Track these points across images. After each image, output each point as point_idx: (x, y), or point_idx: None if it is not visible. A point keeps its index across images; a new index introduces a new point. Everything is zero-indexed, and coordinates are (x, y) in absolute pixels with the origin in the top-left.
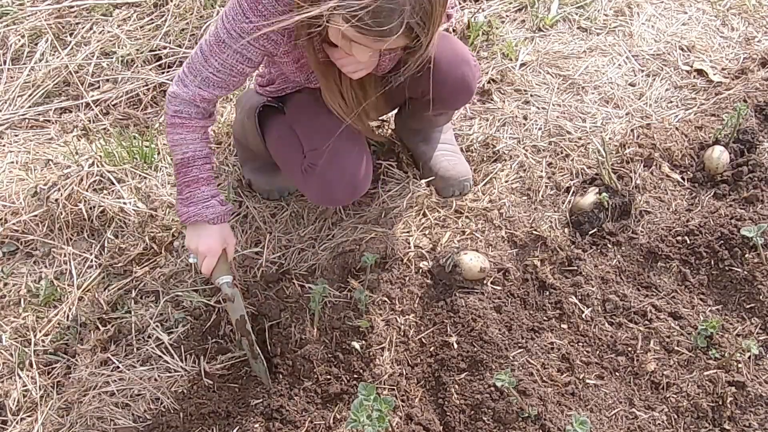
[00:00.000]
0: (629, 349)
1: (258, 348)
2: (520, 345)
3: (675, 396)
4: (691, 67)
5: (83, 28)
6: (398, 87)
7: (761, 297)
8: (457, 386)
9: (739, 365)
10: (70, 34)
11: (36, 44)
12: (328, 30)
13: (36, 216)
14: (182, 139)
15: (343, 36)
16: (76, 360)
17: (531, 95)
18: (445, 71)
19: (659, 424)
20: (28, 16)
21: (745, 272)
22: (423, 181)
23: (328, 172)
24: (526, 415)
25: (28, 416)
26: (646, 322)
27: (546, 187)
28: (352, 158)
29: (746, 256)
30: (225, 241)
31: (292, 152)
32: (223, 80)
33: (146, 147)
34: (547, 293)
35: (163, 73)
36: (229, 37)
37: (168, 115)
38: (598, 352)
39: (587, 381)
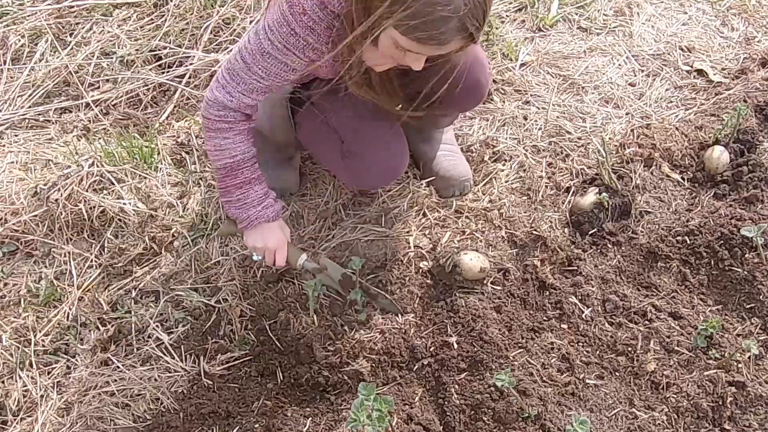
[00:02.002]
0: (629, 349)
1: (374, 288)
2: (520, 345)
3: (675, 396)
4: (691, 67)
5: (83, 28)
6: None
7: (761, 297)
8: (457, 386)
9: (739, 365)
10: (70, 34)
11: (36, 44)
12: (380, 39)
13: (36, 216)
14: (230, 142)
15: (397, 46)
16: (76, 360)
17: (531, 95)
18: (461, 72)
19: (659, 424)
20: (28, 16)
21: (745, 272)
22: (423, 181)
23: (369, 156)
24: (526, 415)
25: (28, 416)
26: (646, 322)
27: (546, 187)
28: (392, 142)
29: (746, 256)
30: (284, 231)
31: (328, 138)
32: (267, 87)
33: (146, 147)
34: (547, 293)
35: (163, 73)
36: (273, 49)
37: (210, 119)
38: (598, 352)
39: (587, 381)
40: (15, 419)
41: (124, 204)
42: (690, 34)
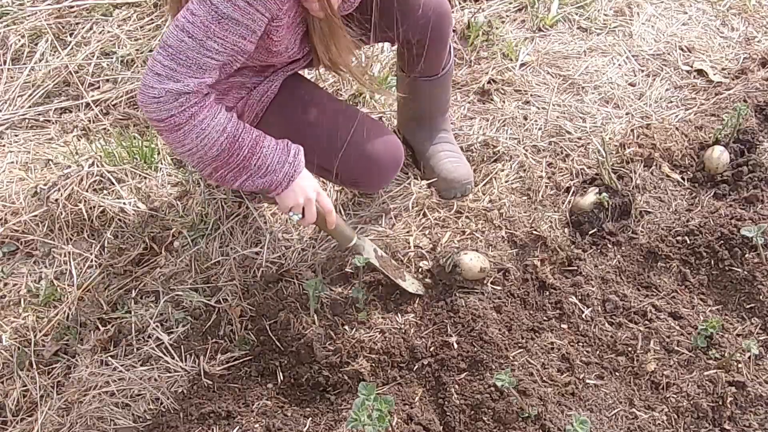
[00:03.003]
0: (629, 349)
1: (401, 270)
2: (520, 345)
3: (675, 396)
4: (691, 67)
5: (83, 28)
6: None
7: (761, 297)
8: (457, 386)
9: (739, 365)
10: (70, 34)
11: (36, 44)
12: None
13: (36, 216)
14: (210, 120)
15: None
16: (76, 360)
17: (531, 95)
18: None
19: (659, 424)
20: (28, 16)
21: (745, 272)
22: (424, 182)
23: (368, 149)
24: (526, 415)
25: (28, 416)
26: (646, 322)
27: (546, 187)
28: (382, 131)
29: (746, 256)
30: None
31: (313, 144)
32: (222, 63)
33: (146, 147)
34: (547, 293)
35: None
36: (234, 9)
37: (172, 115)
38: (598, 352)
39: (587, 381)
40: (15, 419)
41: (124, 204)
42: (690, 34)
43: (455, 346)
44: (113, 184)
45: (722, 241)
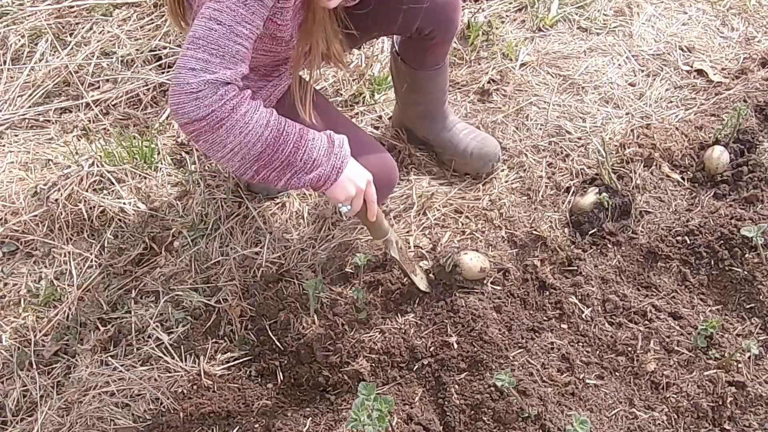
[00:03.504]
0: (629, 349)
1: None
2: (520, 345)
3: (675, 396)
4: (691, 67)
5: (83, 28)
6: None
7: (761, 297)
8: (457, 386)
9: (739, 365)
10: (70, 34)
11: (36, 44)
12: None
13: (36, 216)
14: (252, 113)
15: None
16: (76, 360)
17: (531, 95)
18: None
19: (659, 424)
20: (28, 16)
21: (745, 272)
22: (459, 172)
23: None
24: (526, 415)
25: (28, 416)
26: (646, 322)
27: (546, 187)
28: (376, 149)
29: (746, 256)
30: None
31: None
32: (248, 52)
33: (146, 147)
34: (547, 293)
35: (163, 73)
36: None
37: (213, 110)
38: (598, 352)
39: (587, 381)
40: (15, 419)
41: (124, 204)
42: (690, 34)
43: (455, 346)
44: (113, 184)
45: (722, 241)
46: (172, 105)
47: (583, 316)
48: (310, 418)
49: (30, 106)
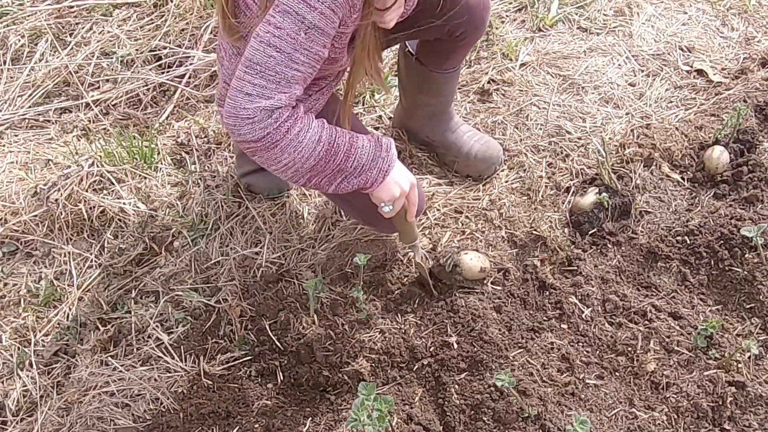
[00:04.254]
0: (629, 349)
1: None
2: (520, 345)
3: (675, 396)
4: (691, 67)
5: (83, 28)
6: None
7: (761, 297)
8: (457, 386)
9: (739, 365)
10: (70, 34)
11: (36, 44)
12: None
13: (36, 216)
14: (305, 131)
15: None
16: (76, 360)
17: (531, 95)
18: None
19: (659, 424)
20: (28, 16)
21: (745, 272)
22: (463, 174)
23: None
24: (526, 415)
25: (28, 416)
26: (646, 322)
27: (546, 187)
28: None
29: (746, 256)
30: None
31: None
32: (307, 75)
33: (146, 147)
34: (547, 293)
35: (163, 73)
36: (322, 19)
37: (269, 133)
38: (598, 352)
39: (587, 381)
40: (15, 419)
41: (124, 204)
42: (690, 34)
43: (455, 346)
44: (113, 184)
45: (722, 241)
46: (228, 126)
47: (583, 316)
48: (310, 418)
49: (30, 106)
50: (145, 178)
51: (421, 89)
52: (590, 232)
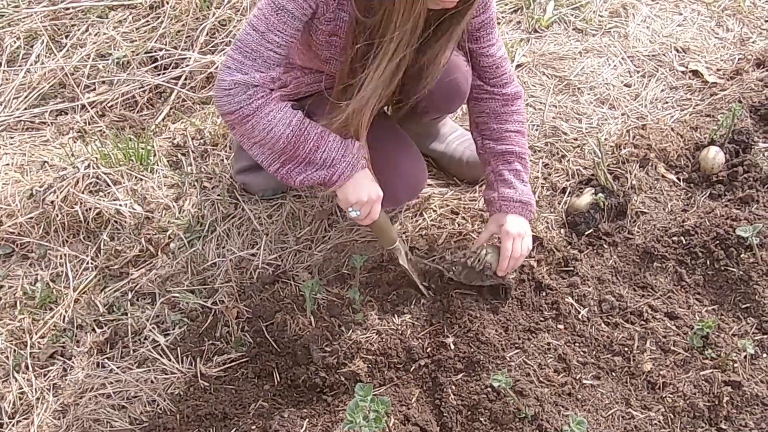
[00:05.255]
0: (625, 349)
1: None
2: (516, 345)
3: (671, 396)
4: (687, 67)
5: (79, 30)
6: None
7: (757, 297)
8: (453, 387)
9: (735, 365)
10: (66, 36)
11: (31, 46)
12: None
13: (32, 218)
14: (275, 112)
15: None
16: (73, 362)
17: (527, 96)
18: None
19: (656, 424)
20: (24, 18)
21: (741, 272)
22: (455, 179)
23: (393, 179)
24: (523, 415)
25: (24, 419)
26: (643, 322)
27: (542, 187)
28: (411, 159)
29: (742, 256)
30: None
31: None
32: (282, 57)
33: (142, 149)
34: (544, 294)
35: (159, 74)
36: (290, 2)
37: (242, 107)
38: (594, 352)
39: (584, 381)
40: (11, 422)
41: (120, 206)
42: (685, 35)
43: (452, 346)
44: (109, 186)
45: (718, 241)
46: (214, 97)
47: (580, 316)
48: (307, 420)
49: (26, 108)
50: (141, 179)
51: (401, 123)
52: (586, 233)
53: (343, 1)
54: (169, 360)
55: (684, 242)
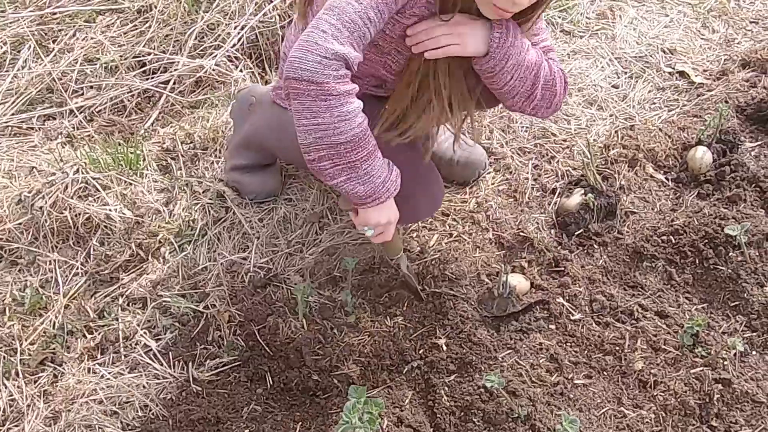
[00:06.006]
0: (617, 348)
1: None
2: (508, 346)
3: (662, 394)
4: (673, 68)
5: (66, 34)
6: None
7: (745, 295)
8: (446, 388)
9: (725, 363)
10: (53, 41)
11: (18, 51)
12: None
13: (20, 224)
14: (356, 107)
15: None
16: (63, 368)
17: None
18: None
19: (647, 422)
20: (10, 23)
21: (730, 270)
22: (445, 179)
23: (418, 197)
24: (516, 415)
25: (15, 426)
26: (633, 321)
27: (532, 188)
28: (433, 178)
29: (730, 254)
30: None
31: None
32: (369, 40)
33: (131, 153)
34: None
35: (147, 79)
36: None
37: (329, 83)
38: (586, 351)
39: (576, 381)
40: (1, 429)
41: (110, 211)
42: (672, 37)
43: (444, 348)
44: (98, 190)
45: (706, 240)
46: (295, 58)
47: (571, 316)
48: (300, 423)
49: (13, 114)
50: (131, 184)
51: None
52: (576, 233)
53: None
54: (161, 365)
55: (673, 241)
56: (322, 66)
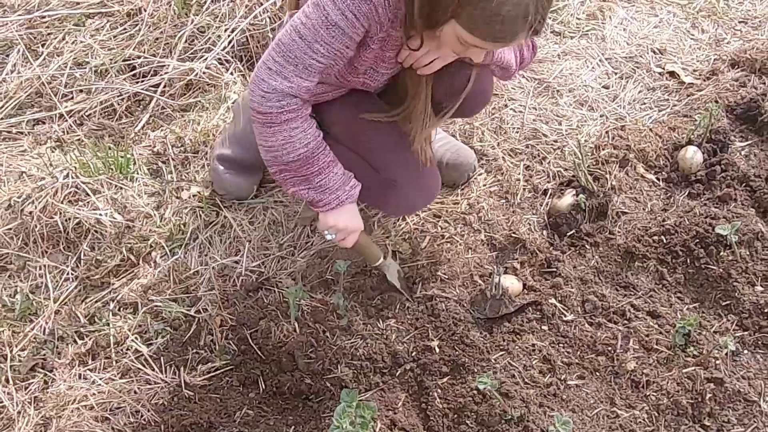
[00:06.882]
0: (609, 348)
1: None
2: (501, 347)
3: (655, 394)
4: (663, 69)
5: (55, 38)
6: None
7: (736, 294)
8: (439, 390)
9: (717, 362)
10: (42, 45)
11: (7, 55)
12: (443, 32)
13: (10, 229)
14: (300, 132)
15: (462, 42)
16: (54, 374)
17: (507, 99)
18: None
19: (640, 422)
20: None
21: (721, 270)
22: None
23: (408, 186)
24: (509, 417)
25: None
26: (625, 321)
27: (524, 189)
28: (426, 171)
29: (721, 254)
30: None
31: (361, 170)
32: (324, 68)
33: (122, 157)
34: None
35: (137, 82)
36: (342, 19)
37: (271, 113)
38: (578, 352)
39: (568, 381)
40: None
41: (100, 215)
42: (661, 37)
43: (437, 350)
44: (89, 195)
45: (697, 240)
46: (249, 87)
47: (563, 317)
48: (293, 427)
49: (2, 118)
50: (121, 188)
51: None
52: (568, 234)
53: (396, 21)
54: (153, 370)
55: (664, 241)
56: (265, 99)
